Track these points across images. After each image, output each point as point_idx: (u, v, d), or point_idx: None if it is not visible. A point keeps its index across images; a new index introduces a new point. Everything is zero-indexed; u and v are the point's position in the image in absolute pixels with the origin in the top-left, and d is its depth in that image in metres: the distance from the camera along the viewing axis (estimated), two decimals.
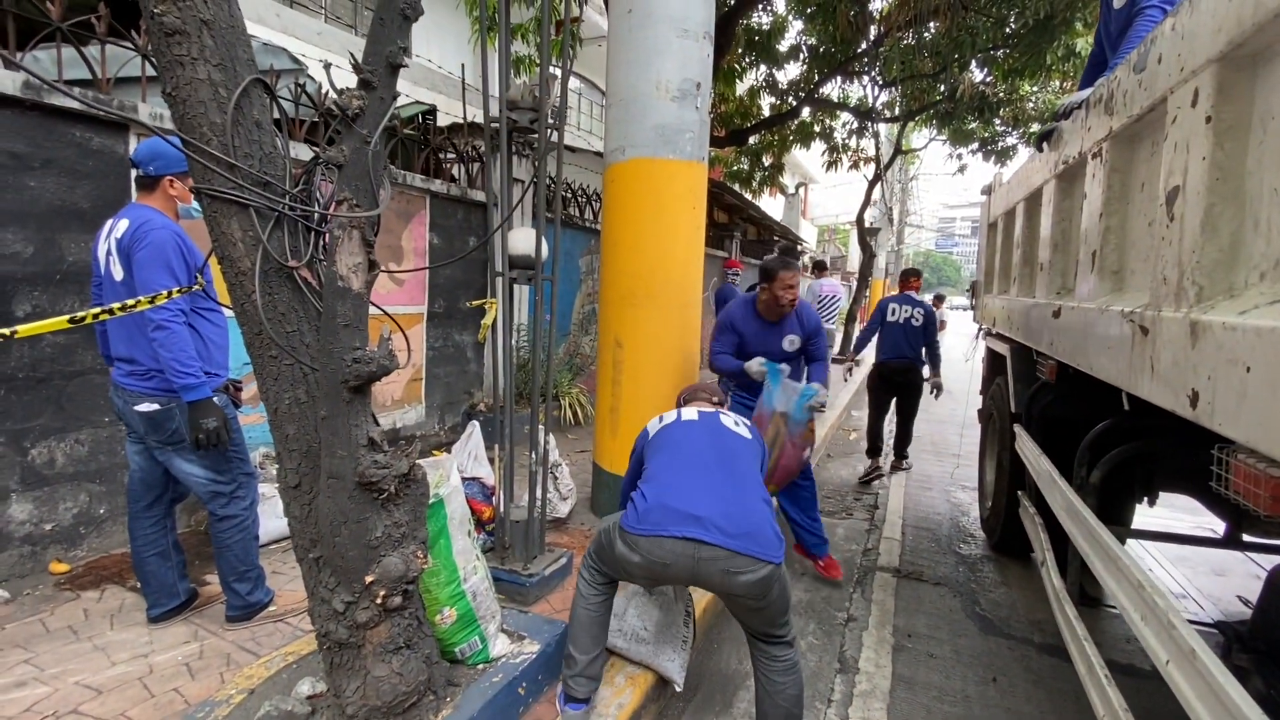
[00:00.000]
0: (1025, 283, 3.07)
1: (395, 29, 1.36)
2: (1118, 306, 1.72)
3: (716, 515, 1.72)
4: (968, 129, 10.53)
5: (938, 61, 8.34)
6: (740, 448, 2.01)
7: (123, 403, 2.18)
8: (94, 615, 2.45)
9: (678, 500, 1.75)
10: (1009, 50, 7.61)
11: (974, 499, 4.72)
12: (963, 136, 10.91)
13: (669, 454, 1.94)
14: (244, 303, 1.40)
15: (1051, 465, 2.39)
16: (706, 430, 2.04)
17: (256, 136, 1.39)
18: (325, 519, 1.45)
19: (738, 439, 2.04)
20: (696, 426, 2.06)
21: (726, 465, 1.90)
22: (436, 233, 4.79)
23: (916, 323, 4.92)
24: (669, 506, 1.74)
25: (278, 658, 2.04)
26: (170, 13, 1.26)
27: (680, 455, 1.92)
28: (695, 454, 1.92)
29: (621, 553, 1.78)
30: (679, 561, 1.70)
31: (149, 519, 2.33)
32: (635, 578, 1.88)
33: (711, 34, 3.29)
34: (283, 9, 7.73)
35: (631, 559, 1.76)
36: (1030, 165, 3.02)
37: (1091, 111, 2.07)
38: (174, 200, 2.20)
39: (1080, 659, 1.86)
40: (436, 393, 4.98)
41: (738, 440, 2.04)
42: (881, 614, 3.02)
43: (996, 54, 7.88)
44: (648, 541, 1.72)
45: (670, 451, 1.95)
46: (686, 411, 2.16)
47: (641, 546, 1.73)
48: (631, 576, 1.88)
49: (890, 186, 19.59)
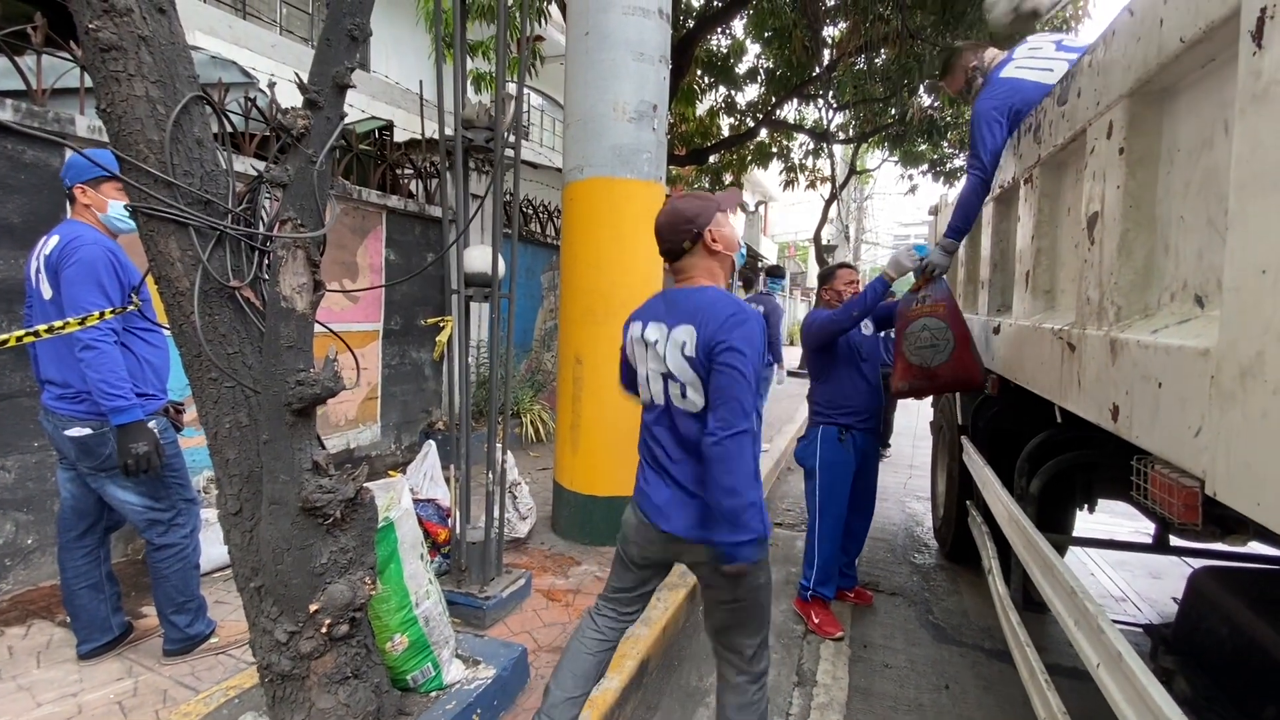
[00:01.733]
0: (969, 299, 3.20)
1: (342, 50, 1.35)
2: (1049, 324, 1.81)
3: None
4: (918, 151, 10.95)
5: (888, 86, 8.67)
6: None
7: (53, 427, 2.07)
8: (19, 652, 2.30)
9: None
10: None
11: (928, 509, 4.84)
12: (913, 158, 11.35)
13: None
14: (182, 323, 1.36)
15: (994, 475, 2.47)
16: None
17: (197, 154, 1.36)
18: (267, 546, 1.41)
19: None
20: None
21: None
22: (393, 248, 4.72)
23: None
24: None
25: (218, 692, 1.96)
26: (106, 28, 1.23)
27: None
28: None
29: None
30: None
31: (81, 549, 2.22)
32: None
33: (668, 58, 3.37)
34: (235, 20, 7.56)
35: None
36: None
37: (1023, 140, 2.19)
38: (91, 209, 2.11)
39: (1023, 664, 1.92)
40: (393, 412, 4.87)
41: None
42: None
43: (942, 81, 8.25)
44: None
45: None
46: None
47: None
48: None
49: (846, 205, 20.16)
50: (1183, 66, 1.21)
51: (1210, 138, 1.17)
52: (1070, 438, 2.17)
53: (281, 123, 1.29)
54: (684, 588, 3.02)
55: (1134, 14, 1.34)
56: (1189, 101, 1.25)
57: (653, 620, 2.71)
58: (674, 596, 2.93)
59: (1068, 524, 3.05)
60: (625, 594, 1.84)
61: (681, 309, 1.63)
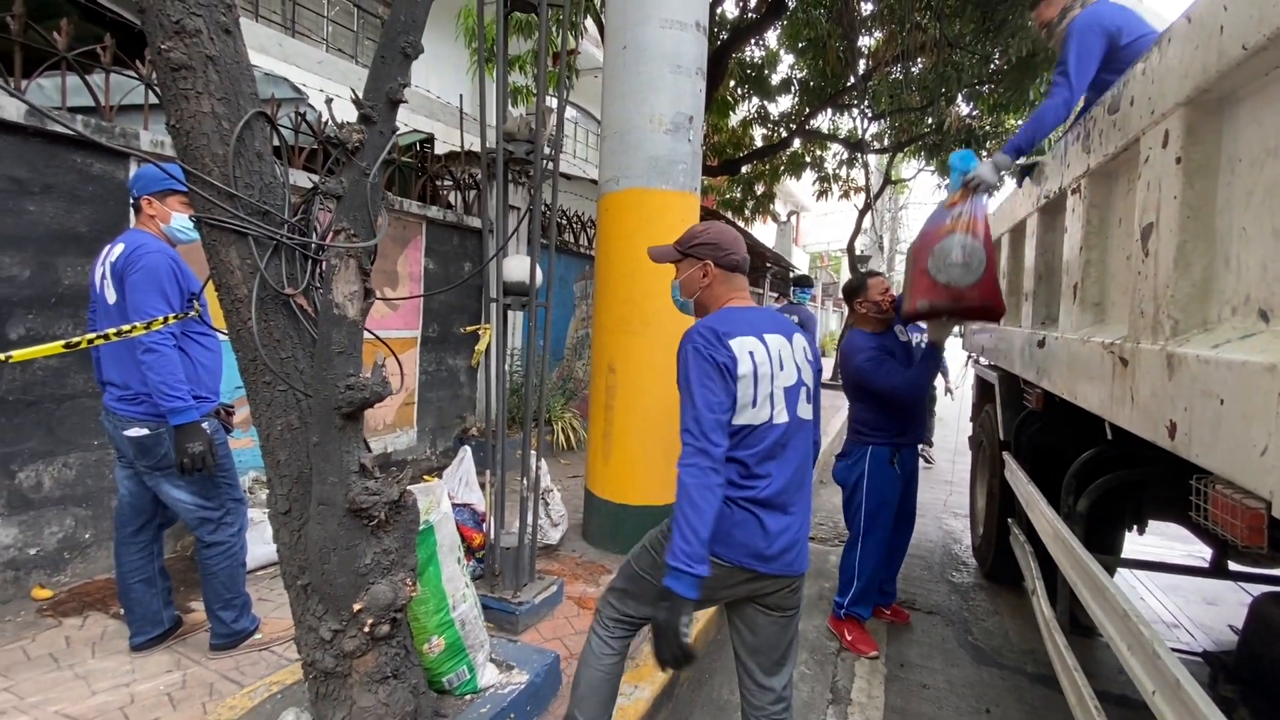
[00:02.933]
0: (1012, 312, 3.13)
1: (395, 66, 1.40)
2: (1099, 338, 1.76)
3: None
4: None
5: (925, 95, 8.57)
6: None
7: (113, 427, 2.17)
8: (76, 643, 2.40)
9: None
10: (994, 86, 7.84)
11: (966, 526, 4.72)
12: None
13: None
14: (240, 329, 1.42)
15: (1039, 493, 2.40)
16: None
17: (257, 167, 1.43)
18: (314, 546, 1.45)
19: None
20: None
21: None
22: (432, 258, 4.83)
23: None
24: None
25: (262, 687, 2.01)
26: (177, 49, 1.30)
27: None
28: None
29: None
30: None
31: (136, 545, 2.31)
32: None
33: (704, 69, 3.39)
34: (285, 39, 7.88)
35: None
36: (1014, 198, 3.10)
37: (1070, 149, 2.14)
38: (155, 220, 2.22)
39: (1070, 689, 1.85)
40: (429, 417, 4.97)
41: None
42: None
43: (982, 89, 8.11)
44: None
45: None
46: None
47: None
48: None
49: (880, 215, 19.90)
50: (1245, 74, 1.17)
51: (1275, 146, 1.13)
52: (1120, 455, 2.10)
53: (338, 136, 1.34)
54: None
55: (1191, 21, 1.31)
56: (1251, 109, 1.21)
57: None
58: (708, 611, 2.90)
59: (1116, 545, 2.93)
60: (649, 620, 1.79)
61: (777, 320, 1.68)
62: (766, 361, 1.55)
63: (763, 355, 1.55)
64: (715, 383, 1.48)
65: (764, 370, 1.54)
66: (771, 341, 1.58)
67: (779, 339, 1.61)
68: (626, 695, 2.23)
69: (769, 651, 1.67)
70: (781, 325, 1.66)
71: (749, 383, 1.52)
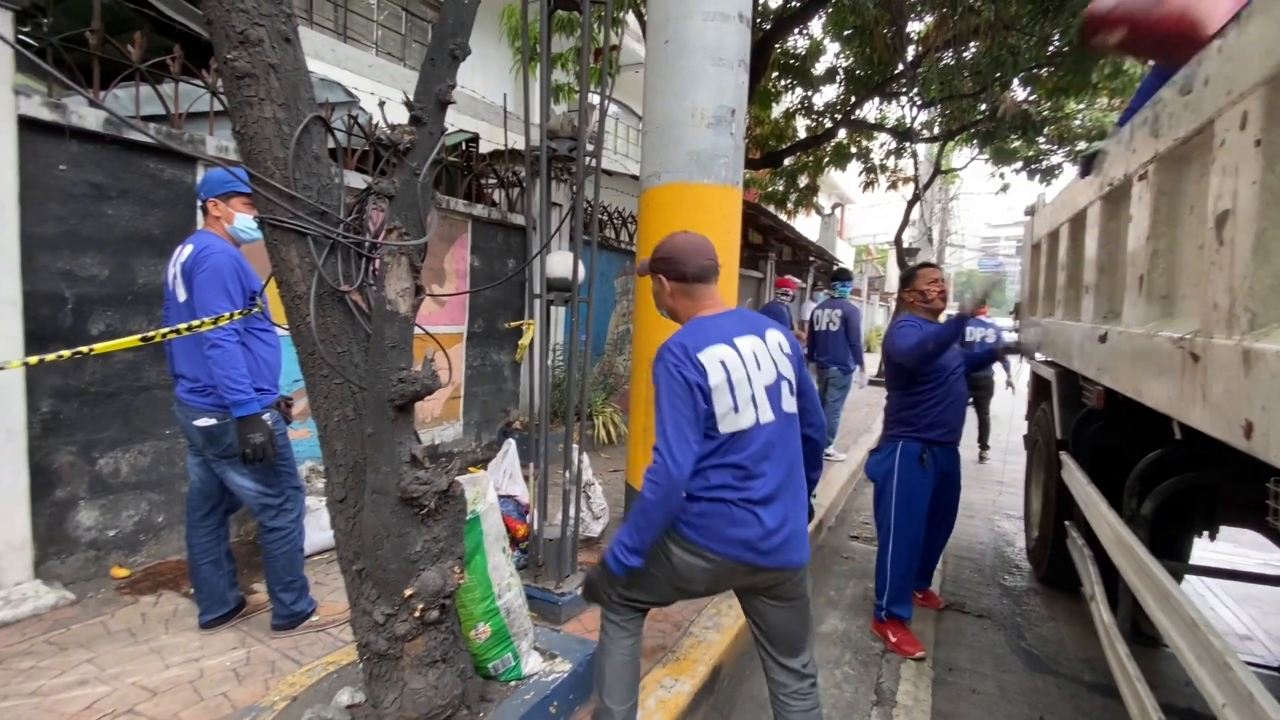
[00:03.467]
0: (1071, 306, 2.99)
1: (444, 68, 1.44)
2: (1167, 332, 1.67)
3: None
4: (1010, 148, 10.35)
5: (978, 81, 8.25)
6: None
7: (184, 417, 2.30)
8: (150, 619, 2.56)
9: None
10: (1053, 69, 7.49)
11: (1019, 528, 4.55)
12: (1005, 156, 10.74)
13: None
14: (299, 324, 1.49)
15: (1099, 495, 2.30)
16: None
17: (315, 169, 1.48)
18: (369, 532, 1.51)
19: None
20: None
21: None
22: (477, 255, 4.93)
23: (990, 340, 5.92)
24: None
25: (319, 666, 2.11)
26: (242, 58, 1.36)
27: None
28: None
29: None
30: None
31: (205, 528, 2.44)
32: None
33: (747, 62, 3.35)
34: (337, 44, 8.14)
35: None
36: (1075, 186, 2.96)
37: (1137, 133, 2.04)
38: (220, 221, 2.34)
39: (1133, 701, 1.78)
40: (474, 410, 5.08)
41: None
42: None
43: (1040, 72, 7.76)
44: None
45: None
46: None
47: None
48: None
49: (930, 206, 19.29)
50: None
51: None
52: (1189, 456, 2.00)
53: (390, 138, 1.38)
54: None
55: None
56: None
57: (724, 627, 2.69)
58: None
59: (1183, 551, 2.79)
60: (656, 605, 1.84)
61: (754, 319, 1.72)
62: (740, 366, 1.58)
63: (735, 361, 1.58)
64: (683, 402, 1.52)
65: (738, 375, 1.57)
66: (744, 344, 1.61)
67: (751, 340, 1.64)
68: (667, 689, 2.24)
69: (784, 637, 1.73)
70: (753, 324, 1.69)
71: (724, 391, 1.55)
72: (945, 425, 2.82)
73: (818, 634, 3.00)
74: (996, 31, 6.71)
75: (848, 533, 4.42)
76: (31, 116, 2.52)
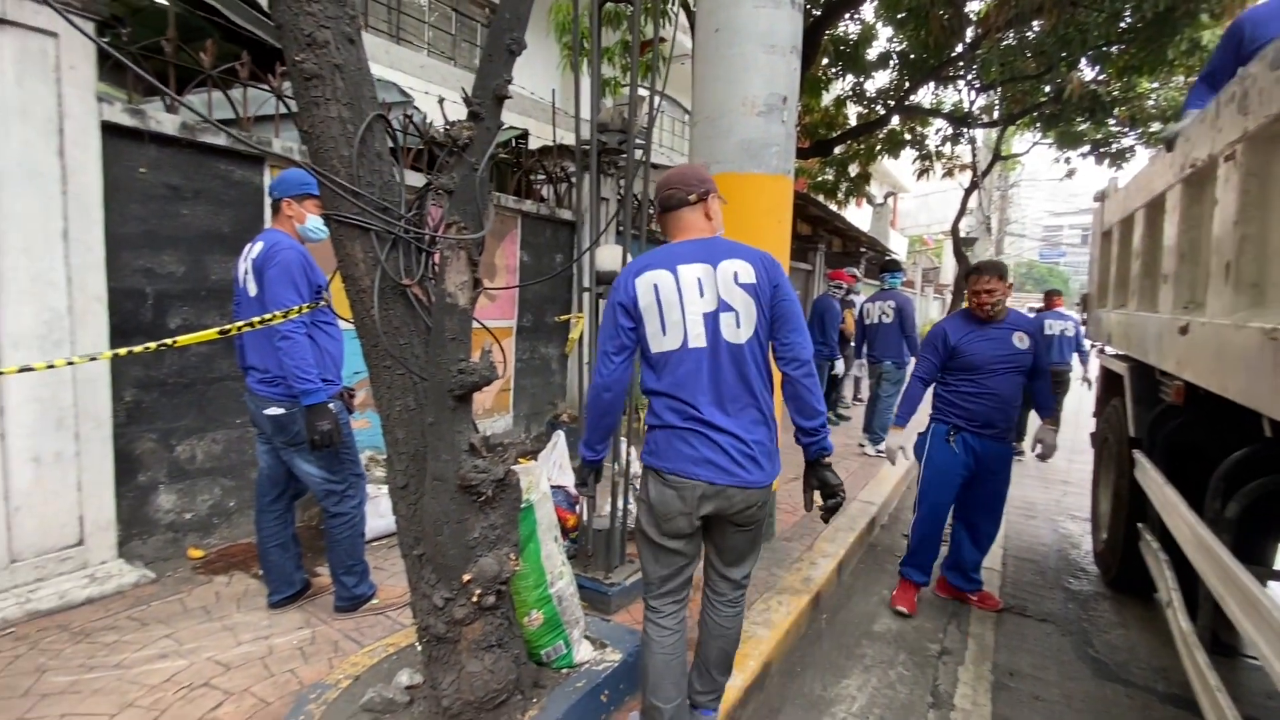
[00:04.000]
0: (1146, 296, 2.83)
1: (501, 63, 1.46)
2: (1257, 322, 1.56)
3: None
4: (1077, 131, 9.80)
5: (1042, 61, 7.84)
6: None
7: (254, 406, 2.42)
8: (224, 598, 2.71)
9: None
10: (1125, 46, 7.06)
11: (1085, 530, 4.35)
12: (1071, 139, 10.17)
13: None
14: (364, 317, 1.54)
15: (1179, 496, 2.18)
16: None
17: (377, 166, 1.53)
18: (429, 518, 1.56)
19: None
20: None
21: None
22: (526, 250, 5.01)
23: (1070, 334, 6.12)
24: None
25: (380, 648, 2.18)
26: (309, 60, 1.41)
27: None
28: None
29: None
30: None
31: (273, 513, 2.57)
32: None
33: (799, 48, 3.28)
34: (391, 46, 8.37)
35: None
36: (1151, 169, 2.79)
37: (1223, 111, 1.90)
38: (291, 220, 2.45)
39: (1212, 712, 1.68)
40: (523, 403, 5.17)
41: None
42: (980, 649, 2.83)
43: (1110, 50, 7.32)
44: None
45: None
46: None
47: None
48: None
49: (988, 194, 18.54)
50: None
51: None
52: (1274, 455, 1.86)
53: (449, 133, 1.41)
54: (806, 593, 2.94)
55: None
56: None
57: (774, 623, 2.66)
58: (797, 602, 2.86)
59: (1268, 556, 2.61)
60: (677, 579, 1.83)
61: (718, 249, 1.72)
62: (674, 290, 1.67)
63: (669, 285, 1.67)
64: (608, 319, 1.74)
65: (669, 299, 1.67)
66: (686, 271, 1.68)
67: (698, 268, 1.68)
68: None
69: (732, 552, 1.86)
70: (711, 253, 1.71)
71: (653, 312, 1.68)
72: (975, 418, 2.93)
73: (870, 633, 2.94)
74: (1063, 8, 6.35)
75: (901, 531, 4.31)
76: (114, 122, 2.68)
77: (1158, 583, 2.49)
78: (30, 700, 2.01)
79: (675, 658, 1.82)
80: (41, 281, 2.45)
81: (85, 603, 2.58)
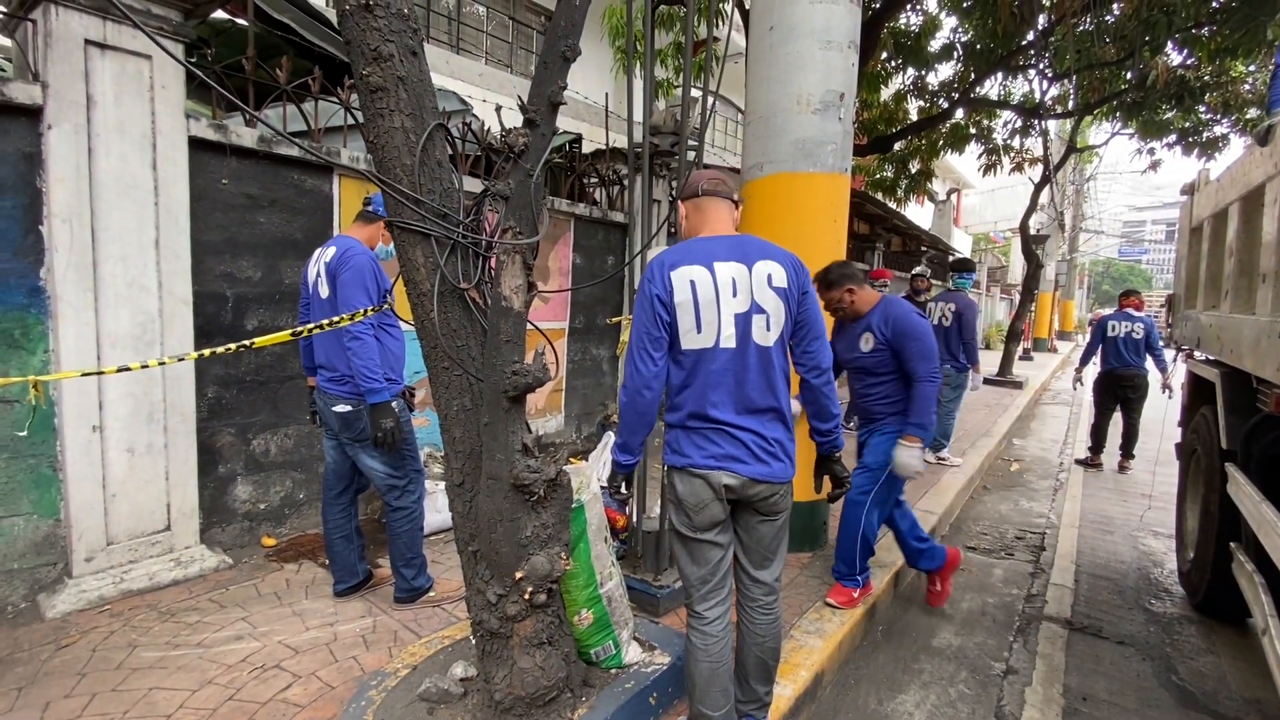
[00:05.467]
0: (1241, 296, 2.62)
1: (556, 70, 1.48)
2: None
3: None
4: (1162, 119, 9.14)
5: (1122, 47, 7.37)
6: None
7: (323, 404, 2.54)
8: (293, 585, 2.86)
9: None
10: (1216, 27, 6.55)
11: (1169, 548, 4.06)
12: (1155, 128, 9.50)
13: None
14: (424, 320, 1.59)
15: (1277, 514, 2.00)
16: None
17: (438, 174, 1.58)
18: (484, 516, 1.60)
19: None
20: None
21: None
22: (579, 253, 5.07)
23: (1138, 335, 5.74)
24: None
25: (436, 640, 2.25)
26: (375, 73, 1.48)
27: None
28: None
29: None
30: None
31: (338, 506, 2.69)
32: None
33: (857, 43, 3.20)
34: (451, 56, 8.64)
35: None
36: (1247, 159, 2.58)
37: None
38: (377, 239, 2.60)
39: None
40: (575, 403, 5.24)
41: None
42: (1049, 670, 2.68)
43: (1199, 32, 6.81)
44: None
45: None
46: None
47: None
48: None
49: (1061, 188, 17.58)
50: None
51: None
52: None
53: (505, 140, 1.45)
54: (861, 604, 2.86)
55: None
56: None
57: (828, 633, 2.60)
58: (851, 612, 2.78)
59: None
60: (716, 575, 1.79)
61: (752, 249, 1.70)
62: (710, 288, 1.64)
63: (706, 282, 1.64)
64: (645, 314, 1.68)
65: (706, 296, 1.64)
66: (723, 269, 1.66)
67: (733, 267, 1.66)
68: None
69: (760, 549, 1.83)
70: (746, 253, 1.69)
71: (689, 309, 1.65)
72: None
73: (929, 648, 2.83)
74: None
75: (964, 543, 4.14)
76: (199, 137, 2.87)
77: (1252, 607, 2.30)
78: (123, 673, 2.17)
79: (722, 665, 1.79)
80: (136, 287, 2.65)
81: (171, 584, 2.77)
